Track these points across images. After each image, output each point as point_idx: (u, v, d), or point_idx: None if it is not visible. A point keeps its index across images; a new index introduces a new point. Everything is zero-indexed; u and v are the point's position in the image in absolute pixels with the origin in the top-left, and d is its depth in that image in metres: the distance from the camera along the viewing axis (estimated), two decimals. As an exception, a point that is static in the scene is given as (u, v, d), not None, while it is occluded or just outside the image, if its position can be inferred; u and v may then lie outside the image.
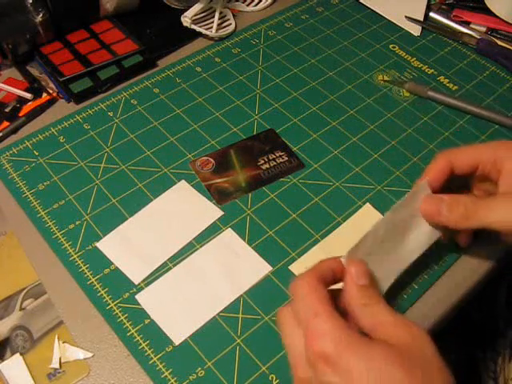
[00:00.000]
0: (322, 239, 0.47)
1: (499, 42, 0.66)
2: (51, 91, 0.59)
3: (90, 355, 0.41)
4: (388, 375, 0.29)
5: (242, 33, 0.67)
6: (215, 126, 0.56)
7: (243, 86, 0.60)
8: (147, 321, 0.42)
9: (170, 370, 0.40)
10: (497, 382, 0.64)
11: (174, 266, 0.45)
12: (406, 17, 0.70)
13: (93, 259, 0.46)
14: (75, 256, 0.46)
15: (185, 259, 0.46)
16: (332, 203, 0.50)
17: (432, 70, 0.63)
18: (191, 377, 0.40)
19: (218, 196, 0.50)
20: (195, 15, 0.65)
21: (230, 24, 0.68)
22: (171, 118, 0.57)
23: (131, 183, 0.51)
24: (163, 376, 0.39)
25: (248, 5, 0.71)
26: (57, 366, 0.40)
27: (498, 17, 0.67)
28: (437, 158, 0.43)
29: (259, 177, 0.52)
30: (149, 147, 0.54)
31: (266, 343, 0.41)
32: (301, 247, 0.47)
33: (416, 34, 0.68)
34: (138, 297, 0.43)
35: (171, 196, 0.50)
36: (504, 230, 0.39)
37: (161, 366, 0.40)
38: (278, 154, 0.54)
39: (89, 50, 0.61)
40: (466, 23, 0.69)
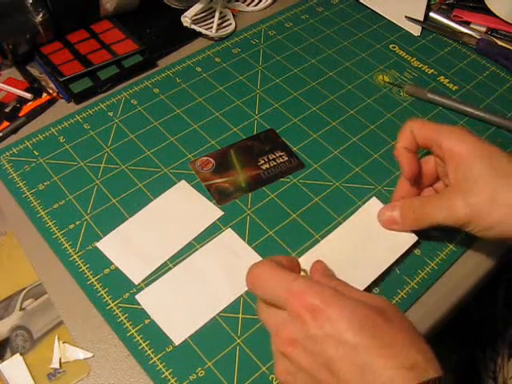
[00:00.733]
0: (322, 239, 0.47)
1: (499, 42, 0.66)
2: (51, 91, 0.59)
3: (90, 355, 0.41)
4: (372, 322, 0.31)
5: (242, 33, 0.67)
6: (215, 126, 0.56)
7: (243, 86, 0.60)
8: (147, 321, 0.42)
9: (170, 370, 0.40)
10: (496, 382, 0.64)
11: (174, 266, 0.45)
12: (406, 17, 0.70)
13: (93, 259, 0.46)
14: (75, 256, 0.46)
15: (185, 259, 0.46)
16: (332, 203, 0.50)
17: (432, 70, 0.63)
18: (191, 377, 0.40)
19: (218, 196, 0.50)
20: (195, 15, 0.65)
21: (230, 24, 0.68)
22: (171, 118, 0.57)
23: (131, 183, 0.51)
24: (163, 376, 0.40)
25: (248, 5, 0.71)
26: (57, 366, 0.40)
27: (498, 17, 0.68)
28: (404, 127, 0.44)
29: (259, 177, 0.52)
30: (149, 147, 0.54)
31: (266, 343, 0.41)
32: (301, 247, 0.47)
33: (416, 34, 0.68)
34: (138, 297, 0.43)
35: (171, 196, 0.50)
36: (455, 226, 0.40)
37: (161, 366, 0.40)
38: (278, 154, 0.54)
39: (89, 50, 0.61)
40: (466, 23, 0.69)
